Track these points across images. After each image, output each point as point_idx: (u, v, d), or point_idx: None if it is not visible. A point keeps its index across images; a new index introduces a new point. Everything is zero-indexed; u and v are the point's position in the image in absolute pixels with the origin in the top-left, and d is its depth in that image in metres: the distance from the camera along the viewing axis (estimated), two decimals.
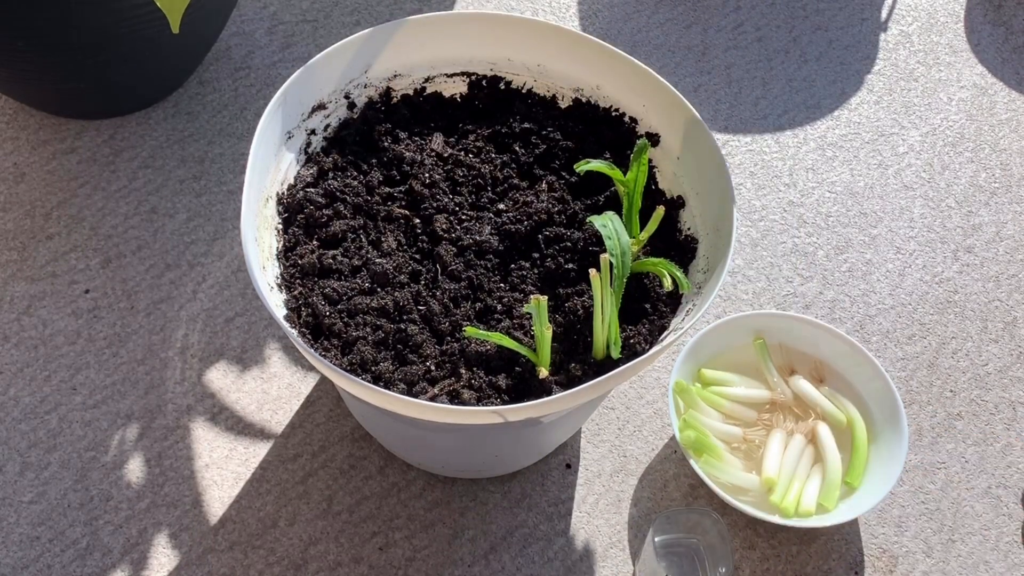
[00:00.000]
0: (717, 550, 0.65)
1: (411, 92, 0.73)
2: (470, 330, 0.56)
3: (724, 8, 1.10)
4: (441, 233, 0.66)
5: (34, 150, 0.91)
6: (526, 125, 0.72)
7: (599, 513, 0.73)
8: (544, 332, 0.57)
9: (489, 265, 0.65)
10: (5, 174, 0.89)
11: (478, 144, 0.72)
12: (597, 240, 0.65)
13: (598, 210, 0.68)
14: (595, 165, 0.63)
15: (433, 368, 0.59)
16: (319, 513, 0.72)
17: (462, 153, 0.71)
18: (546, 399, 0.54)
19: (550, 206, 0.67)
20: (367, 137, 0.71)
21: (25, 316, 0.80)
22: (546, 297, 0.57)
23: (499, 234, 0.66)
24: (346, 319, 0.61)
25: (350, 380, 0.53)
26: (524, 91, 0.74)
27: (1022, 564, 0.73)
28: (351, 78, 0.70)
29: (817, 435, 0.73)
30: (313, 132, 0.69)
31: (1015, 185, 0.96)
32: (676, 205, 0.68)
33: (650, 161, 0.70)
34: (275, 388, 0.78)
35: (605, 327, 0.59)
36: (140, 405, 0.76)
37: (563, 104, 0.74)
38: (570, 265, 0.65)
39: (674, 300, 0.64)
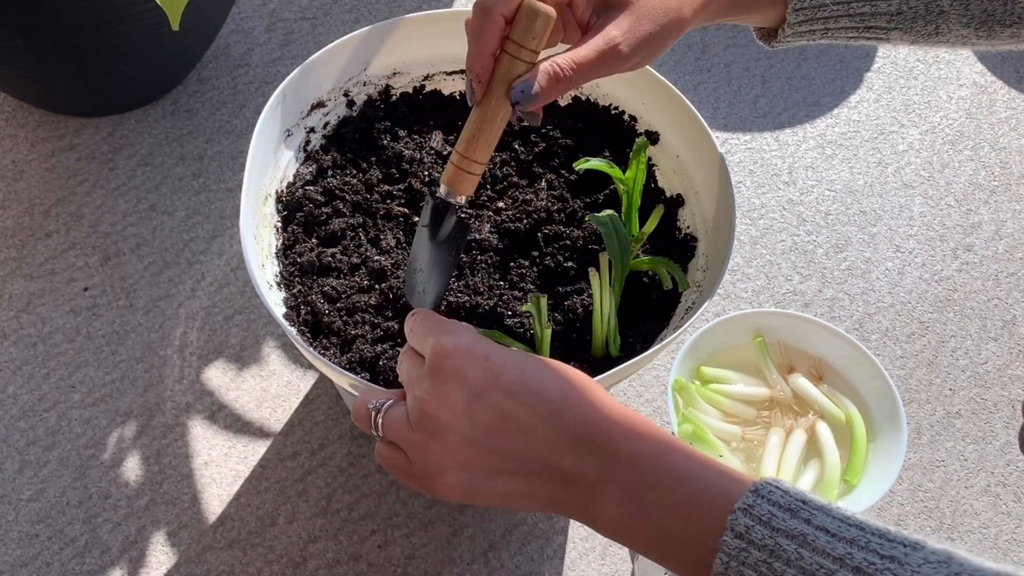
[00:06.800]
0: None
1: (410, 90, 0.73)
2: None
3: None
4: None
5: (33, 147, 0.91)
6: (525, 123, 0.72)
7: None
8: (544, 330, 0.57)
9: (489, 263, 0.65)
10: (4, 171, 0.89)
11: None
12: (596, 238, 0.65)
13: (597, 208, 0.68)
14: (594, 163, 0.63)
15: None
16: (318, 511, 0.72)
17: None
18: None
19: (549, 204, 0.67)
20: (366, 135, 0.71)
21: (24, 314, 0.80)
22: (546, 295, 0.57)
23: (498, 232, 0.66)
24: (345, 317, 0.61)
25: (349, 378, 0.53)
26: None
27: (1021, 563, 0.73)
28: (350, 76, 0.69)
29: (816, 433, 0.73)
30: (312, 130, 0.69)
31: (1014, 183, 0.96)
32: (675, 203, 0.68)
33: (649, 159, 0.70)
34: (274, 386, 0.78)
35: (604, 325, 0.59)
36: (139, 403, 0.76)
37: (562, 102, 0.73)
38: (569, 263, 0.64)
39: (673, 298, 0.64)
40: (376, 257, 0.64)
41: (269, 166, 0.65)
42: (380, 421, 0.47)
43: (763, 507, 0.38)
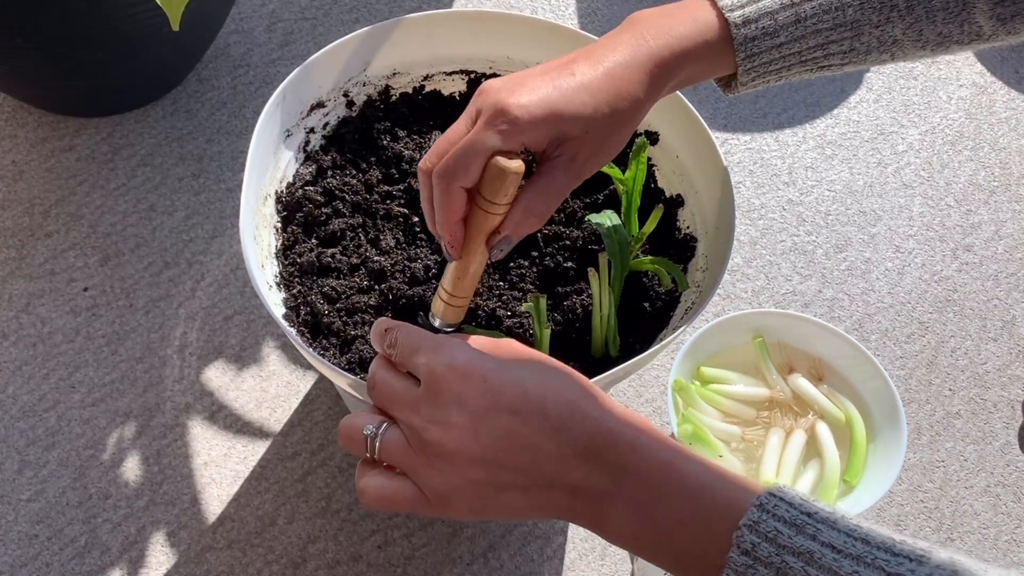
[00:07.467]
0: None
1: (410, 90, 0.73)
2: (468, 329, 0.56)
3: None
4: None
5: (33, 148, 0.91)
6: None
7: None
8: (543, 331, 0.57)
9: (488, 263, 0.65)
10: (4, 172, 0.89)
11: None
12: (596, 239, 0.65)
13: (597, 208, 0.68)
14: None
15: None
16: (318, 511, 0.72)
17: None
18: None
19: None
20: (366, 135, 0.71)
21: (24, 314, 0.80)
22: (545, 295, 0.57)
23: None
24: (344, 317, 0.61)
25: (348, 378, 0.53)
26: None
27: (1021, 563, 0.73)
28: (350, 76, 0.69)
29: (816, 433, 0.73)
30: (312, 130, 0.69)
31: (1014, 184, 0.96)
32: (675, 204, 0.68)
33: (649, 159, 0.70)
34: (273, 386, 0.78)
35: (604, 325, 0.59)
36: (138, 403, 0.76)
37: None
38: (569, 264, 0.64)
39: (673, 298, 0.64)
40: (376, 257, 0.64)
41: (269, 166, 0.65)
42: (377, 445, 0.46)
43: (768, 523, 0.39)
